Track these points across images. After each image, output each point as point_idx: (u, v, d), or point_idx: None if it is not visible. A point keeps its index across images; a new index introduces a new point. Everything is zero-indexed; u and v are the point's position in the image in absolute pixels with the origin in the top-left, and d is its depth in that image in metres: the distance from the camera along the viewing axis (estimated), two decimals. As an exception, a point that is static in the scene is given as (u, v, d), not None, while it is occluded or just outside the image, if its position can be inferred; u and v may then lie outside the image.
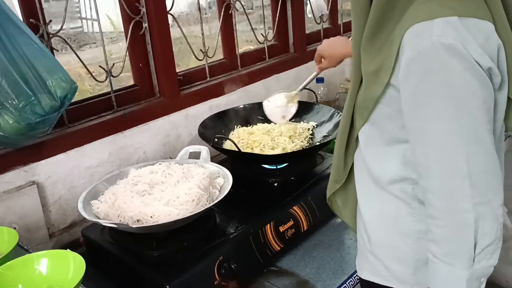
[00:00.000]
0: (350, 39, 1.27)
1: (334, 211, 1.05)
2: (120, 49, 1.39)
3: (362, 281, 0.97)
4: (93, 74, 1.33)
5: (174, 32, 1.49)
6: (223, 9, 1.68)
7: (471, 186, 0.71)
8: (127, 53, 1.42)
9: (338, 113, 1.48)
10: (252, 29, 1.79)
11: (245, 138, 1.45)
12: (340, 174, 0.96)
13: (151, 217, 1.03)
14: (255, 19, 1.83)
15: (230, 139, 1.32)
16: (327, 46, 1.40)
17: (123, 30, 1.42)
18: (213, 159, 1.31)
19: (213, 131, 1.46)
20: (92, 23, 3.89)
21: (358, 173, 0.92)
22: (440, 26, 0.68)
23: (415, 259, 0.85)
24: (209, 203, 1.08)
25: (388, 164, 0.84)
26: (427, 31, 0.69)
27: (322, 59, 1.42)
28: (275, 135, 1.44)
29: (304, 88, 1.50)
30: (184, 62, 1.75)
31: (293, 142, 1.42)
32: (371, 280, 0.93)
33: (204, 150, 1.31)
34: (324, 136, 1.46)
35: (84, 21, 4.08)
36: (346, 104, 0.88)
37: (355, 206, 0.97)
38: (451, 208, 0.73)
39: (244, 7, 1.74)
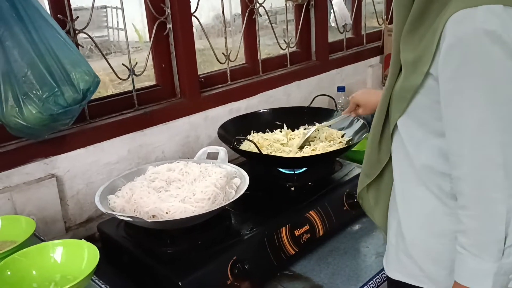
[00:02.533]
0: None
1: (364, 208, 1.03)
2: (144, 58, 1.42)
3: (390, 281, 0.95)
4: (116, 80, 1.35)
5: (197, 44, 1.51)
6: (246, 14, 1.69)
7: (506, 176, 0.70)
8: (150, 53, 1.44)
9: (358, 119, 1.47)
10: (275, 34, 1.80)
11: (264, 142, 1.45)
12: (372, 168, 0.95)
13: (167, 213, 1.03)
14: (279, 33, 1.84)
15: (251, 141, 1.32)
16: (362, 94, 1.39)
17: (148, 39, 1.44)
18: (230, 162, 1.31)
19: (233, 133, 1.46)
20: (118, 32, 3.98)
21: (396, 167, 0.90)
22: (483, 13, 0.68)
23: (451, 259, 0.82)
24: (225, 202, 1.07)
25: (426, 158, 0.83)
26: (470, 18, 0.68)
27: (357, 107, 1.40)
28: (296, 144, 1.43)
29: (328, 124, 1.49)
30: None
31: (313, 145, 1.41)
32: (402, 280, 0.91)
33: (222, 151, 1.31)
34: (347, 141, 1.45)
35: (110, 30, 4.18)
36: (382, 97, 0.88)
37: (386, 205, 0.95)
38: (482, 197, 0.72)
39: (268, 12, 1.75)
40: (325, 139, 1.45)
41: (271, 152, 1.39)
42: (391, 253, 0.95)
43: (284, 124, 1.57)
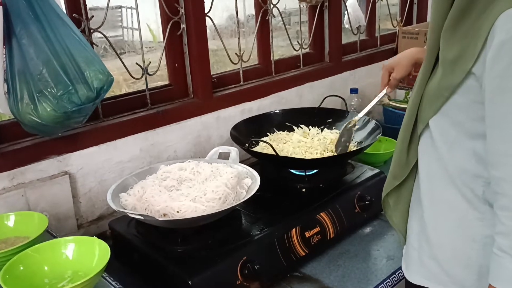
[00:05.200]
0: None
1: (385, 213, 1.02)
2: (158, 58, 1.43)
3: (410, 285, 0.94)
4: (130, 80, 1.36)
5: (210, 45, 1.51)
6: (260, 15, 1.69)
7: None
8: (164, 53, 1.44)
9: (370, 120, 1.46)
10: (288, 35, 1.80)
11: (278, 142, 1.45)
12: (401, 170, 0.93)
13: (178, 212, 1.03)
14: (292, 34, 1.84)
15: (266, 142, 1.32)
16: (392, 58, 1.33)
17: (162, 40, 1.45)
18: (242, 162, 1.31)
19: (245, 134, 1.46)
20: (133, 32, 4.01)
21: (424, 169, 0.88)
22: None
23: (480, 265, 0.82)
24: (236, 202, 1.07)
25: (460, 160, 0.81)
26: None
27: (391, 74, 1.31)
28: (308, 146, 1.43)
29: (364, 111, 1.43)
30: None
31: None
32: (425, 285, 0.90)
33: (234, 151, 1.31)
34: (358, 143, 1.44)
35: (124, 30, 4.21)
36: (413, 95, 0.86)
37: (406, 208, 0.94)
38: None
39: (282, 14, 1.75)
40: (330, 143, 1.43)
41: (290, 154, 1.38)
42: (412, 256, 0.93)
43: (303, 125, 1.56)
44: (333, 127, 1.55)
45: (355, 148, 1.40)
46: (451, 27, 0.77)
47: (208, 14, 1.48)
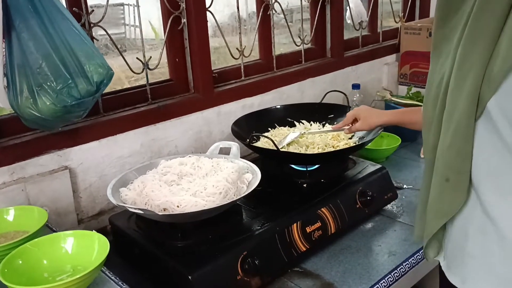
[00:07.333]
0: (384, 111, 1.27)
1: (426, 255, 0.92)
2: (159, 55, 1.42)
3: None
4: (131, 77, 1.36)
5: (212, 42, 1.51)
6: (261, 10, 1.68)
7: None
8: (165, 48, 1.44)
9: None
10: (290, 31, 1.79)
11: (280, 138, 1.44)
12: (461, 191, 0.79)
13: (178, 206, 1.02)
14: (294, 31, 1.83)
15: (267, 137, 1.32)
16: (365, 109, 1.33)
17: (164, 37, 1.45)
18: (243, 158, 1.30)
19: (246, 130, 1.46)
20: (135, 29, 4.01)
21: (506, 167, 0.75)
22: None
23: None
24: (236, 197, 1.07)
25: None
26: None
27: (355, 121, 1.33)
28: (309, 141, 1.42)
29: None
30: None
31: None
32: None
33: (234, 146, 1.30)
34: (359, 138, 1.43)
35: (127, 27, 4.22)
36: (471, 77, 0.73)
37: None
38: None
39: (283, 9, 1.74)
40: (332, 139, 1.42)
41: (288, 149, 1.38)
42: (471, 264, 0.82)
43: (304, 121, 1.55)
44: (335, 123, 1.54)
45: (356, 144, 1.40)
46: None
47: (209, 9, 1.48)
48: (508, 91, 0.70)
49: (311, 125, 1.54)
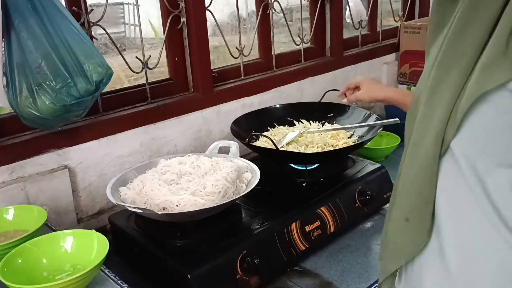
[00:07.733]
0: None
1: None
2: (159, 54, 1.42)
3: None
4: (131, 76, 1.36)
5: (211, 41, 1.51)
6: (261, 9, 1.68)
7: None
8: (164, 47, 1.44)
9: (371, 114, 1.45)
10: (290, 30, 1.79)
11: (279, 137, 1.44)
12: (421, 233, 0.68)
13: (177, 205, 1.02)
14: (294, 31, 1.83)
15: (267, 136, 1.32)
16: (369, 79, 1.31)
17: (163, 36, 1.44)
18: (242, 157, 1.30)
19: (246, 129, 1.46)
20: (134, 28, 4.01)
21: (468, 210, 0.65)
22: None
23: None
24: (236, 196, 1.07)
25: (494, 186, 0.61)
26: None
27: (356, 89, 1.30)
28: (308, 141, 1.42)
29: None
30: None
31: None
32: None
33: (234, 145, 1.31)
34: (358, 137, 1.43)
35: (126, 26, 4.21)
36: (439, 111, 0.64)
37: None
38: None
39: (283, 8, 1.74)
40: (331, 138, 1.43)
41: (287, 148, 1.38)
42: None
43: (304, 120, 1.55)
44: (334, 122, 1.55)
45: (356, 143, 1.40)
46: None
47: (208, 8, 1.48)
48: (470, 134, 0.61)
49: (310, 124, 1.54)
